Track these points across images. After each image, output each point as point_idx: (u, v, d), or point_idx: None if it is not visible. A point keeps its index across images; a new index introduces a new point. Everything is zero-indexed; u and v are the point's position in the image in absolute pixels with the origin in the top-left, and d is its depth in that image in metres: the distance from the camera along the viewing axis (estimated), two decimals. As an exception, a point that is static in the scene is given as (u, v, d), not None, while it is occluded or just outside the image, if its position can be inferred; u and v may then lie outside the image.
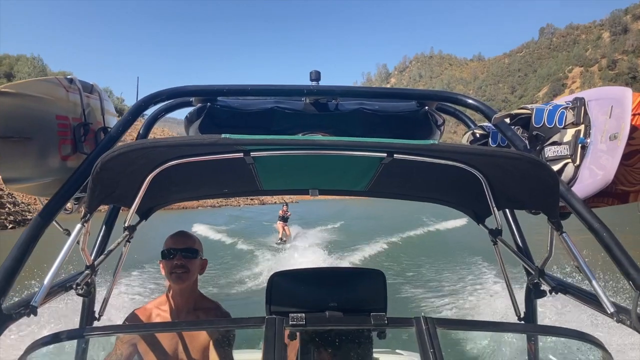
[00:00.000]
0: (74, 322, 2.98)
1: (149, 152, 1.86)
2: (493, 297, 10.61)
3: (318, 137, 1.78)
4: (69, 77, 2.43)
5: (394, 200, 3.47)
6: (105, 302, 2.85)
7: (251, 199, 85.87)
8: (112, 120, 2.84)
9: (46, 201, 2.13)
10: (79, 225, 1.96)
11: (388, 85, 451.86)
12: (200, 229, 31.59)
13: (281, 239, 25.61)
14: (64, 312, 6.84)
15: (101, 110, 2.73)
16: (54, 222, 2.13)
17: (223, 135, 1.68)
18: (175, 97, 2.67)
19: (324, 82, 2.72)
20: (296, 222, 34.57)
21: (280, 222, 26.68)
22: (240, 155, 1.99)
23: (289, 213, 27.32)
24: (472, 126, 2.95)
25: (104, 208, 2.95)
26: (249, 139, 1.71)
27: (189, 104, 2.86)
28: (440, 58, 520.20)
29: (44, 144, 2.11)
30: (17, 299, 1.85)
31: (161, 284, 13.25)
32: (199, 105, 2.76)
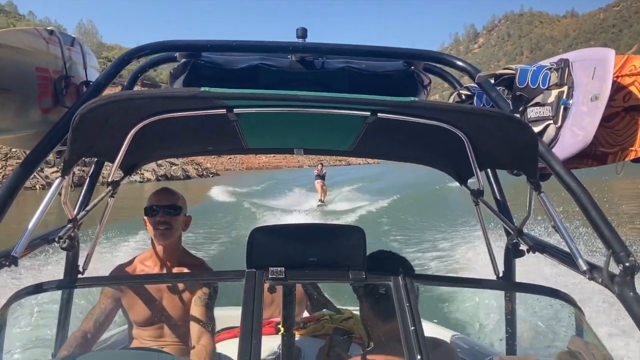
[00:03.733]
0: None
1: (129, 105, 1.84)
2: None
3: (300, 92, 1.76)
4: (49, 28, 2.38)
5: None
6: (89, 256, 2.86)
7: (339, 160, 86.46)
8: (95, 75, 2.80)
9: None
10: (59, 179, 1.96)
11: (475, 46, 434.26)
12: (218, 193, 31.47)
13: (321, 199, 24.86)
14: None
15: (83, 64, 2.69)
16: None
17: (202, 89, 1.67)
18: (159, 51, 2.63)
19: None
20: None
21: (319, 181, 25.79)
22: (223, 111, 1.98)
23: (324, 171, 26.58)
24: (458, 87, 2.95)
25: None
26: (228, 92, 1.70)
27: (173, 59, 2.82)
28: (531, 16, 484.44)
29: (23, 95, 2.08)
30: None
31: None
32: (183, 60, 2.73)
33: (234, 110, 1.98)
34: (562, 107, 2.21)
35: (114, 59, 2.89)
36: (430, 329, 3.12)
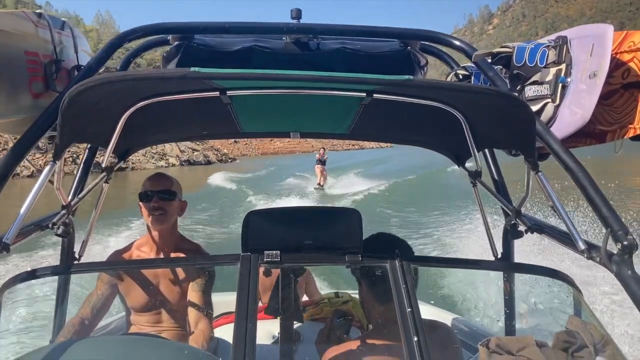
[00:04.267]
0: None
1: (118, 87, 1.81)
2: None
3: (292, 71, 1.73)
4: (37, 11, 2.34)
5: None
6: (84, 243, 2.85)
7: (352, 145, 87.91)
8: (87, 59, 2.76)
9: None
10: (50, 164, 1.93)
11: (490, 27, 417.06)
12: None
13: (319, 184, 24.98)
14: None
15: (74, 48, 2.65)
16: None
17: (192, 69, 1.63)
18: (151, 34, 2.59)
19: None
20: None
21: (319, 166, 25.86)
22: (217, 94, 1.95)
23: (325, 156, 26.65)
24: (455, 67, 2.91)
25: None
26: (218, 73, 1.67)
27: (166, 43, 2.78)
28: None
29: (12, 79, 2.04)
30: None
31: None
32: (176, 43, 2.69)
33: (227, 92, 1.95)
34: (560, 85, 2.18)
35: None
36: (428, 311, 3.13)
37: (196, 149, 56.71)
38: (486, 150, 2.84)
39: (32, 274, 1.97)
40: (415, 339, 1.65)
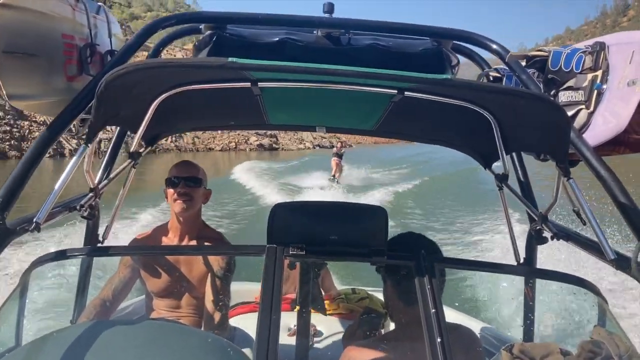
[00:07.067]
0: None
1: (156, 74, 1.82)
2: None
3: (330, 65, 1.71)
4: None
5: None
6: (109, 226, 2.88)
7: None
8: (119, 44, 2.79)
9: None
10: (82, 146, 1.95)
11: (624, 19, 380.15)
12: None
13: (333, 176, 25.26)
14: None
15: (108, 33, 2.67)
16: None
17: (230, 59, 1.64)
18: (185, 22, 2.61)
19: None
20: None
21: (335, 159, 26.15)
22: (248, 85, 1.95)
23: (343, 150, 26.95)
24: (486, 68, 2.88)
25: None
26: (256, 64, 1.67)
27: (198, 31, 2.79)
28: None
29: (49, 62, 2.07)
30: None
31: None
32: (209, 32, 2.70)
33: (259, 84, 1.95)
34: (596, 91, 2.14)
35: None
36: (449, 315, 3.14)
37: (324, 136, 72.40)
38: (514, 154, 2.81)
39: (59, 255, 1.99)
40: (439, 340, 1.64)
